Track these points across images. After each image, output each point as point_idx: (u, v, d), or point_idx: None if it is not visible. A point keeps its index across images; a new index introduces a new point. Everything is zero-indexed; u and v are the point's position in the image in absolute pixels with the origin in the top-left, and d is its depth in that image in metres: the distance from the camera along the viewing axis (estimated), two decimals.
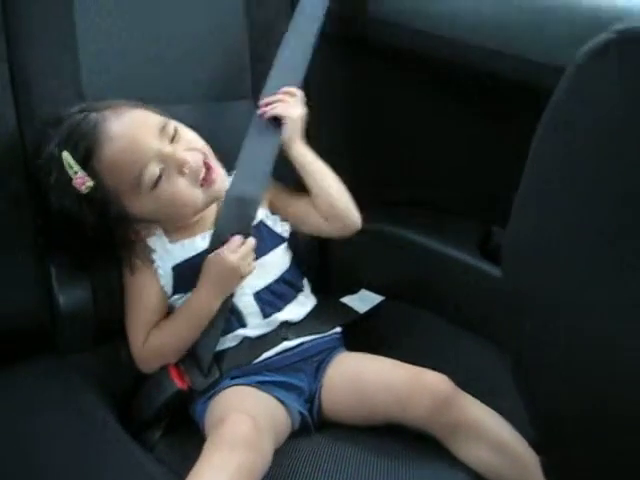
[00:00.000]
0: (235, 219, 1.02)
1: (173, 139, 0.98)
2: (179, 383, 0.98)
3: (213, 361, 1.00)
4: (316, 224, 1.08)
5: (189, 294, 1.01)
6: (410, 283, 1.23)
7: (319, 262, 1.24)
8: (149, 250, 1.03)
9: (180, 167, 0.96)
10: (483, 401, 0.97)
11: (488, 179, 1.16)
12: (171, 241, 1.03)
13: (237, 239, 0.99)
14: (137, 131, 0.96)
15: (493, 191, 0.78)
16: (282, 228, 1.10)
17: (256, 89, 1.14)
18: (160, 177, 0.96)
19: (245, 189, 1.04)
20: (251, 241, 1.00)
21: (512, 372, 0.57)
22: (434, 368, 1.00)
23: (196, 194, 0.99)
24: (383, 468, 0.92)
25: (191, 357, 1.01)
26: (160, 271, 1.02)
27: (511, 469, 0.90)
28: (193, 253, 1.02)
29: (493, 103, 1.15)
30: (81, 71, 1.06)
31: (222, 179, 1.02)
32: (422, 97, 1.25)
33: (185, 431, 1.01)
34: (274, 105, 1.06)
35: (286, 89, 1.08)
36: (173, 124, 0.99)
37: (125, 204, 0.98)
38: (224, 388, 0.99)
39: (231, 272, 0.98)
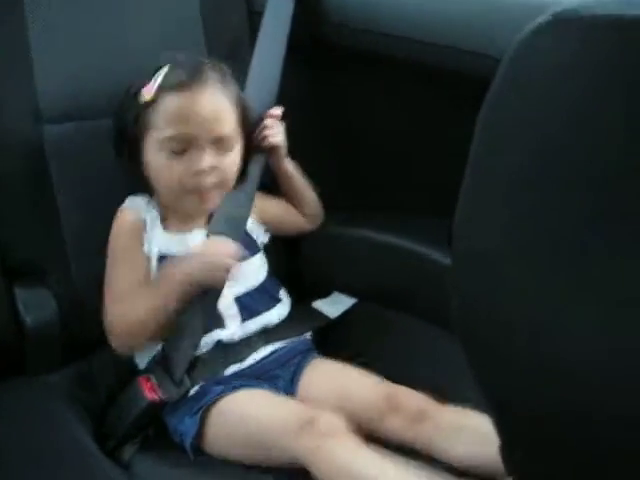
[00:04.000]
0: (226, 230, 1.05)
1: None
2: (150, 395, 0.97)
3: (184, 370, 0.99)
4: (296, 222, 1.21)
5: None
6: (382, 284, 1.23)
7: (291, 265, 1.25)
8: (143, 228, 1.04)
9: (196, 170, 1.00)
10: (462, 399, 0.96)
11: (455, 176, 1.15)
12: (165, 229, 1.05)
13: (232, 246, 1.02)
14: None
15: (453, 185, 0.78)
16: (262, 238, 1.14)
17: None
18: (179, 153, 0.99)
19: (234, 207, 1.07)
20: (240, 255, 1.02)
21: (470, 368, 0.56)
22: (409, 370, 1.01)
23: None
24: None
25: (161, 368, 0.99)
26: (148, 253, 1.04)
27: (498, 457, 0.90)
28: (182, 249, 1.04)
29: (450, 98, 1.15)
30: (37, 90, 1.06)
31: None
32: (380, 98, 1.26)
33: (161, 446, 0.99)
34: (270, 133, 1.11)
35: (273, 113, 1.12)
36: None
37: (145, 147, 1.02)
38: (221, 397, 0.98)
39: (214, 270, 1.00)
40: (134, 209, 1.06)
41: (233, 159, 1.04)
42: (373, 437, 0.95)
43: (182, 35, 1.19)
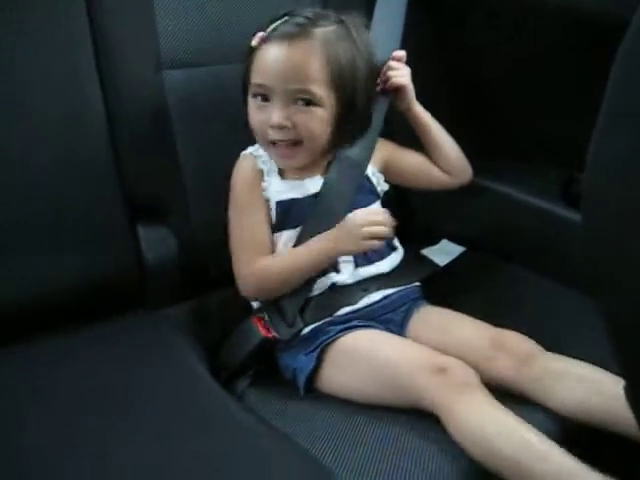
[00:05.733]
0: (344, 177, 1.06)
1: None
2: (264, 332, 1.01)
3: (297, 312, 1.02)
4: (434, 177, 1.15)
5: (289, 232, 1.04)
6: (491, 233, 1.22)
7: (401, 211, 1.24)
8: (261, 176, 1.06)
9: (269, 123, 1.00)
10: (564, 349, 0.97)
11: (569, 125, 1.12)
12: (282, 178, 1.06)
13: (379, 211, 1.03)
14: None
15: (575, 137, 0.76)
16: (381, 186, 1.12)
17: None
18: (263, 102, 1.00)
19: (355, 151, 1.07)
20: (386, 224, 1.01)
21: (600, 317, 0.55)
22: (516, 320, 1.00)
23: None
24: None
25: (274, 308, 1.02)
26: (267, 199, 1.05)
27: (600, 401, 0.90)
28: (299, 195, 1.05)
29: (572, 45, 1.11)
30: (159, 41, 1.09)
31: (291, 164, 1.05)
32: (500, 43, 1.22)
33: (272, 381, 1.03)
34: (395, 74, 1.09)
35: (397, 55, 1.10)
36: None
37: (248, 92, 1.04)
38: (341, 335, 1.00)
39: (356, 238, 1.00)
40: (254, 157, 1.07)
41: (314, 117, 0.99)
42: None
43: None
